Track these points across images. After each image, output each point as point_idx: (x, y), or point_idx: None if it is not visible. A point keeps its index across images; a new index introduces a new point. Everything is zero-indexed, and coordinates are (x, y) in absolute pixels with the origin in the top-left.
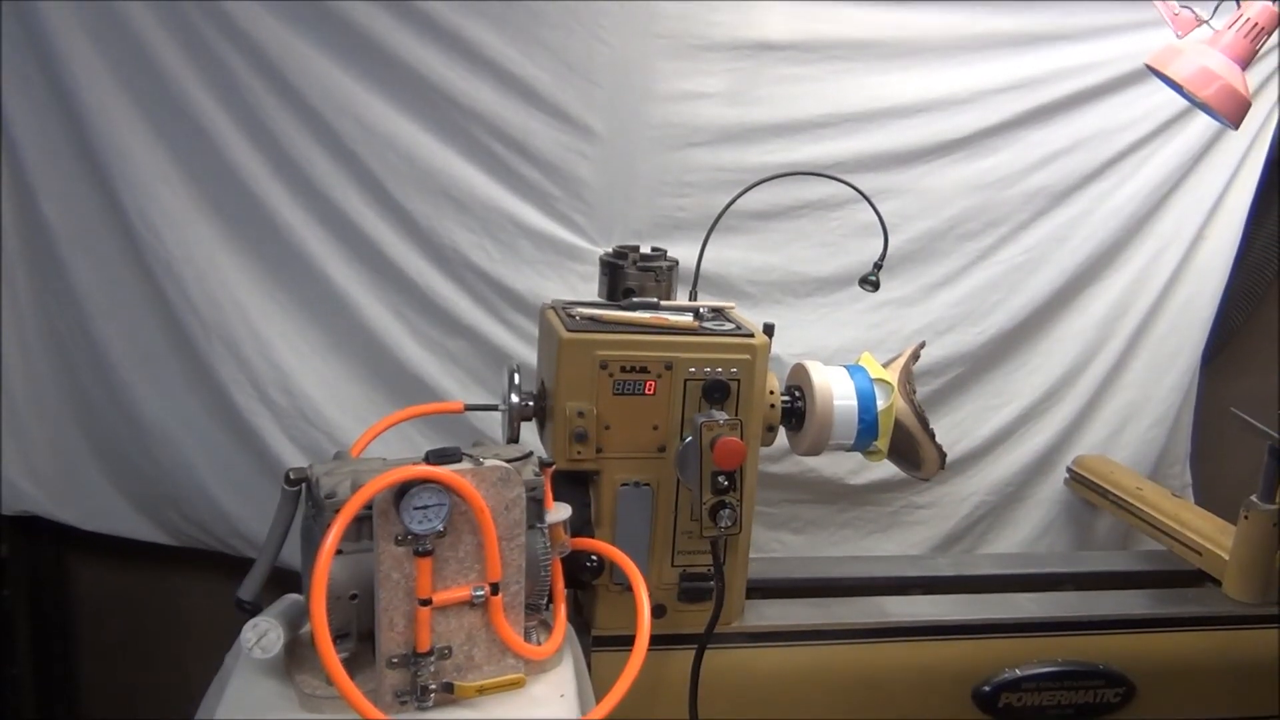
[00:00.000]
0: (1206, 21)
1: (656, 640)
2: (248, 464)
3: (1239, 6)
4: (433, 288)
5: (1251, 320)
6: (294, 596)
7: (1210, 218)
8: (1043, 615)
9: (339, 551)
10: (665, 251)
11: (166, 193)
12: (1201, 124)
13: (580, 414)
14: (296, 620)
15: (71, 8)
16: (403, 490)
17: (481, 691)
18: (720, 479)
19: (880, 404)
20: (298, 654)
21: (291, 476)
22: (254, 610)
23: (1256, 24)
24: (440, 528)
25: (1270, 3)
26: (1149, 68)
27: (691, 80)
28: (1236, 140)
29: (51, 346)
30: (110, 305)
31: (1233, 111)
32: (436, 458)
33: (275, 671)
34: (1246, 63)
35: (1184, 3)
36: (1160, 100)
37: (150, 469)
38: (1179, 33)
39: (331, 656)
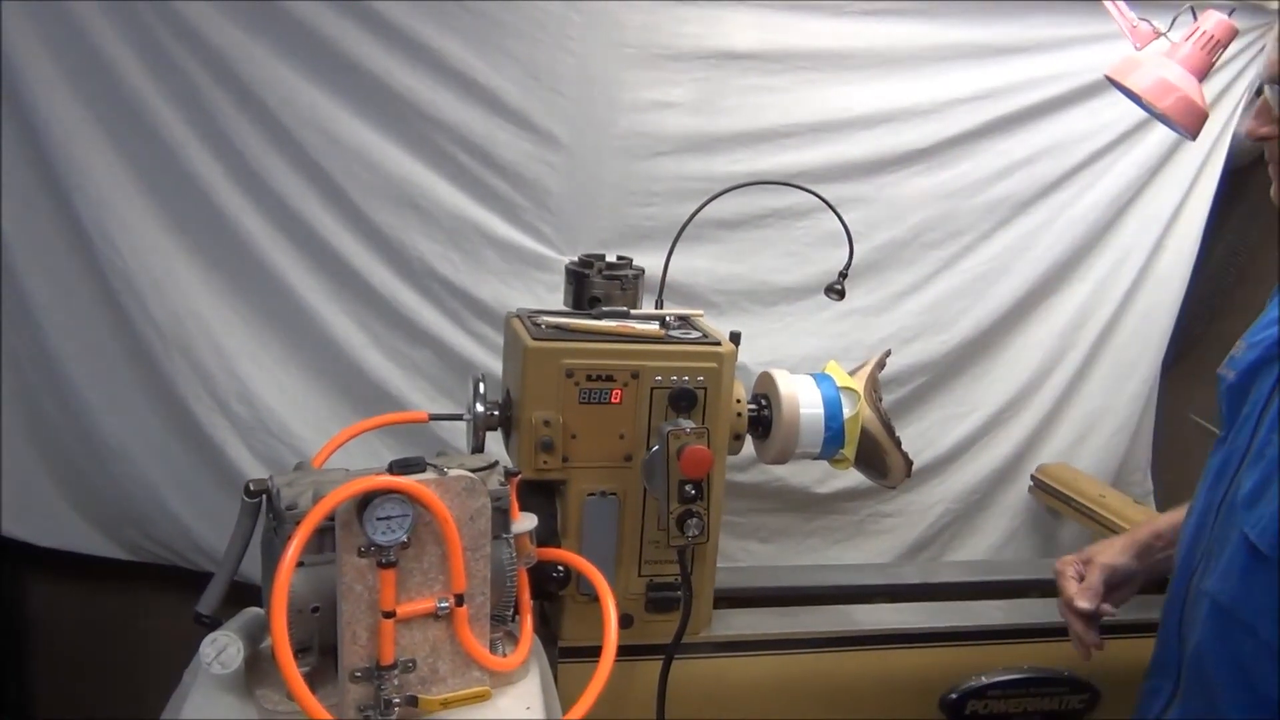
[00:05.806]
0: (1164, 34)
1: (623, 650)
2: (208, 477)
3: (1196, 20)
4: (397, 298)
5: (1210, 329)
6: (254, 610)
7: (1169, 227)
8: (1008, 622)
9: (300, 564)
10: (631, 260)
11: (124, 204)
12: (1160, 135)
13: (546, 423)
14: (257, 634)
15: (28, 18)
16: (365, 501)
17: (446, 705)
18: (687, 488)
19: (846, 412)
20: (258, 669)
21: (251, 488)
22: (213, 624)
23: (1213, 37)
24: (404, 539)
25: (1225, 16)
26: (1108, 79)
27: (657, 90)
28: (1194, 151)
29: (6, 361)
30: (67, 319)
31: (1190, 122)
32: (400, 468)
33: (235, 687)
34: (1203, 75)
35: (1142, 16)
36: (1120, 111)
37: (108, 484)
38: (1137, 45)
39: (292, 671)
